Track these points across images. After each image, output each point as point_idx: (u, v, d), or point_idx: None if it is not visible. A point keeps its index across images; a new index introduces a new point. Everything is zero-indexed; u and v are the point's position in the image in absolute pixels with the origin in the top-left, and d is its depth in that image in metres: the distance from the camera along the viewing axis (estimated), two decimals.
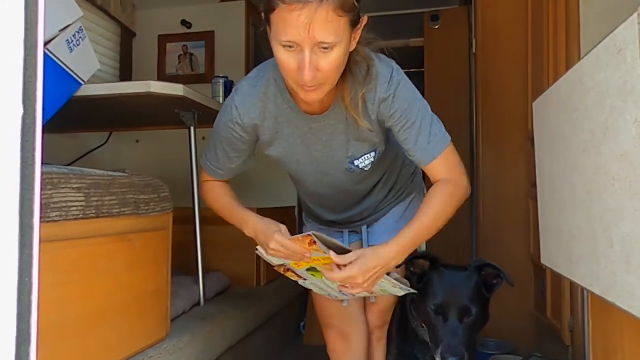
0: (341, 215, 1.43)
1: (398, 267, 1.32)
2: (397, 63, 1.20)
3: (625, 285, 0.61)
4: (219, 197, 1.36)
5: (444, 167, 1.17)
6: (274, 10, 0.97)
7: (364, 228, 1.45)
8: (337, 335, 1.43)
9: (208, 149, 1.32)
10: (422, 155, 1.17)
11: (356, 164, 1.25)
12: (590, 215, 0.75)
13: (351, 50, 1.05)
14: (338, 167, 1.26)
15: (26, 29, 0.50)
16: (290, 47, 0.98)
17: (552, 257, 0.99)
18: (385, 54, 1.19)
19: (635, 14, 0.58)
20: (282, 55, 1.00)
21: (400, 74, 1.17)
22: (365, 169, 1.26)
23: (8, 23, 0.48)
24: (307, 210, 1.54)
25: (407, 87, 1.17)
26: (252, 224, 1.25)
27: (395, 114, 1.15)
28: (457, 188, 1.17)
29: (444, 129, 1.20)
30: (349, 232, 1.46)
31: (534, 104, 1.09)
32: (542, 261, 1.06)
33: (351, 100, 1.14)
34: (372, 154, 1.24)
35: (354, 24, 1.02)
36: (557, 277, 2.04)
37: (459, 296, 1.22)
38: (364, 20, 1.05)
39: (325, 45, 0.96)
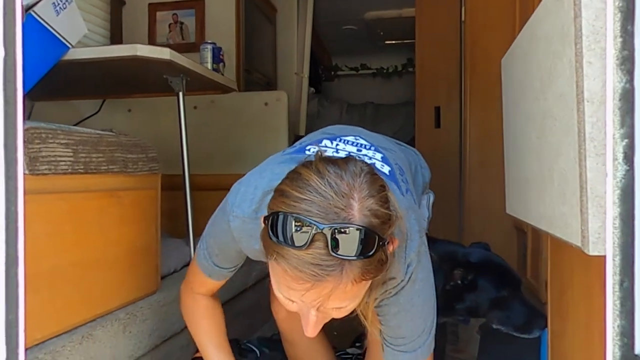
0: None
1: None
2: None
3: (561, 215, 0.67)
4: (205, 318, 1.20)
5: None
6: (274, 256, 0.78)
7: None
8: None
9: (201, 244, 1.15)
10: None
11: None
12: (539, 158, 0.80)
13: None
14: None
15: None
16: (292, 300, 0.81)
17: (512, 204, 1.05)
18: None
19: None
20: (280, 296, 0.84)
21: (419, 267, 0.92)
22: None
23: None
24: None
25: (418, 288, 0.93)
26: None
27: (386, 317, 0.95)
28: None
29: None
30: None
31: (501, 61, 1.14)
32: (507, 210, 1.12)
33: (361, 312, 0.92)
34: None
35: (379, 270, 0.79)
36: (537, 238, 2.10)
37: None
38: (395, 243, 0.81)
39: (339, 306, 0.81)
